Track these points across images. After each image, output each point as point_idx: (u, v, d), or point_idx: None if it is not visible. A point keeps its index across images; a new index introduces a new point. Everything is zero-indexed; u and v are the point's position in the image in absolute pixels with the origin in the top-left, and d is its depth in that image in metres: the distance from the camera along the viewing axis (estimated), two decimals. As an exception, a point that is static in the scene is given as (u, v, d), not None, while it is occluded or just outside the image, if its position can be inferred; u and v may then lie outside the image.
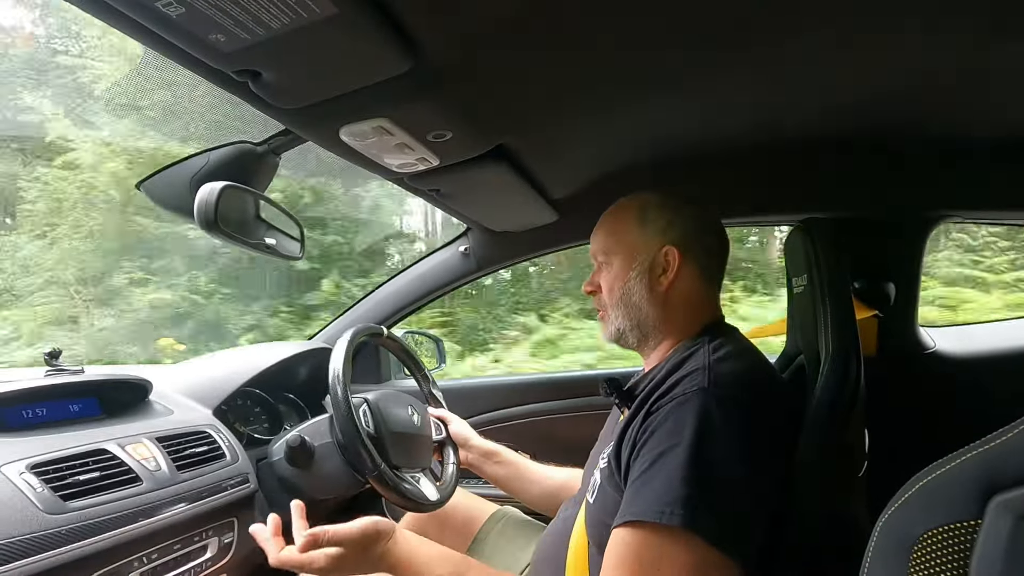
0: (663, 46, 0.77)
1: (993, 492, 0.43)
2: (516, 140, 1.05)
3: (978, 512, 0.43)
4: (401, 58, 0.68)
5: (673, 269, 0.86)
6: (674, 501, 0.65)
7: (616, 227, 0.92)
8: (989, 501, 0.43)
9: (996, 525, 0.42)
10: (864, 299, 1.30)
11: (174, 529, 0.91)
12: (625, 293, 0.89)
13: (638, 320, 0.89)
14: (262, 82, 0.70)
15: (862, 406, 0.82)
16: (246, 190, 0.96)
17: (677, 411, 0.72)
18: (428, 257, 1.68)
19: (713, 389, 0.73)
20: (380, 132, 0.86)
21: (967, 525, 0.43)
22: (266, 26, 0.58)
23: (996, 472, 0.43)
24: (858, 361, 0.82)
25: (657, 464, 0.69)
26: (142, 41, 0.62)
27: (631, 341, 0.91)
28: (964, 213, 1.33)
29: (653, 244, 0.87)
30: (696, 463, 0.67)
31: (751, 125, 1.11)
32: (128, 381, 1.08)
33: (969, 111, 1.05)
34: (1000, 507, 0.42)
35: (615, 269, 0.90)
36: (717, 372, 0.75)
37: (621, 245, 0.90)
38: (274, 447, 1.18)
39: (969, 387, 1.35)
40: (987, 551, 0.42)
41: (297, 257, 1.13)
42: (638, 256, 0.88)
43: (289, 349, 1.47)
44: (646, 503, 0.67)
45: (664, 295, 0.87)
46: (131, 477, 0.88)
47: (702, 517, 0.64)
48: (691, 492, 0.65)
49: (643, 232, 0.88)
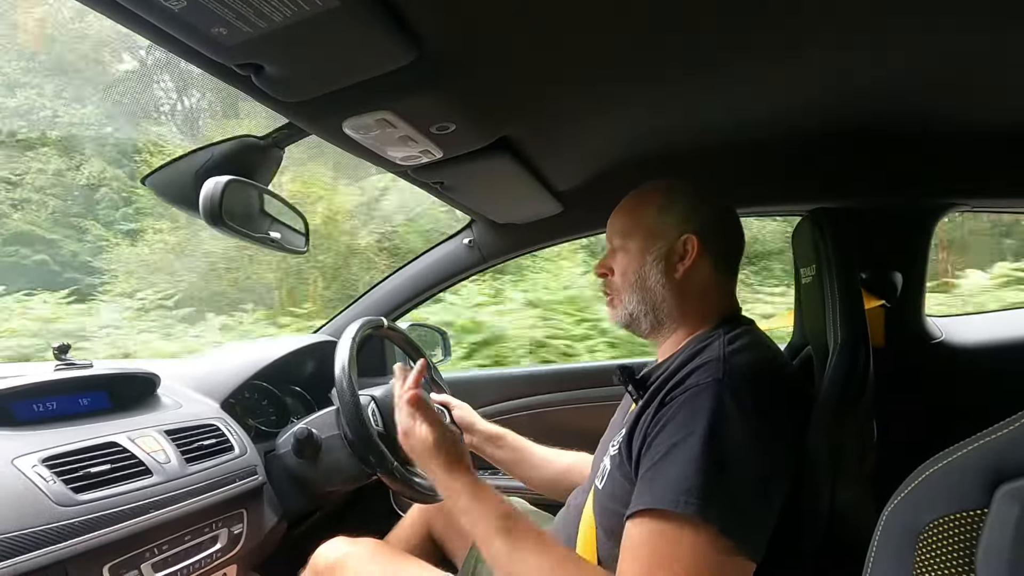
0: (667, 39, 0.76)
1: (1000, 481, 0.42)
2: (519, 132, 1.04)
3: (985, 501, 0.43)
4: (404, 50, 0.68)
5: (691, 257, 0.85)
6: (689, 490, 0.65)
7: (637, 210, 0.91)
8: (996, 490, 0.42)
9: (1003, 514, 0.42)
10: (871, 289, 1.30)
11: (184, 520, 0.92)
12: (641, 277, 0.88)
13: (653, 305, 0.88)
14: (265, 76, 0.70)
15: (870, 397, 0.82)
16: (250, 184, 0.96)
17: (691, 402, 0.72)
18: (433, 249, 1.68)
19: (728, 380, 0.72)
20: (383, 125, 0.86)
21: (974, 514, 0.43)
22: (268, 19, 0.58)
23: (1003, 461, 0.43)
24: (867, 352, 0.82)
25: (672, 454, 0.69)
26: (144, 35, 0.62)
27: (644, 327, 0.90)
28: (970, 202, 1.31)
29: (673, 230, 0.87)
30: (710, 453, 0.67)
31: (757, 117, 1.10)
32: (136, 375, 1.09)
33: (974, 101, 1.04)
34: (1007, 496, 0.42)
35: (632, 252, 0.89)
36: (732, 364, 0.75)
37: (640, 228, 0.89)
38: (281, 439, 1.19)
39: (976, 377, 1.34)
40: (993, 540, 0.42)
41: (302, 251, 1.14)
42: (657, 241, 0.87)
43: (295, 342, 1.48)
44: (661, 492, 0.67)
45: (680, 283, 0.87)
46: (141, 469, 0.89)
47: (717, 507, 0.64)
48: (706, 481, 0.65)
49: (664, 218, 0.88)
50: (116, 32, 5.27)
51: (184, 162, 0.98)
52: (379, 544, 1.08)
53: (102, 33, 5.42)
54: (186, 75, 5.77)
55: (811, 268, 0.94)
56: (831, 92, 0.99)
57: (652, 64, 0.85)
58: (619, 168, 1.31)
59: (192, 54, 0.65)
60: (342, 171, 5.16)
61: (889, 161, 1.25)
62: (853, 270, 0.86)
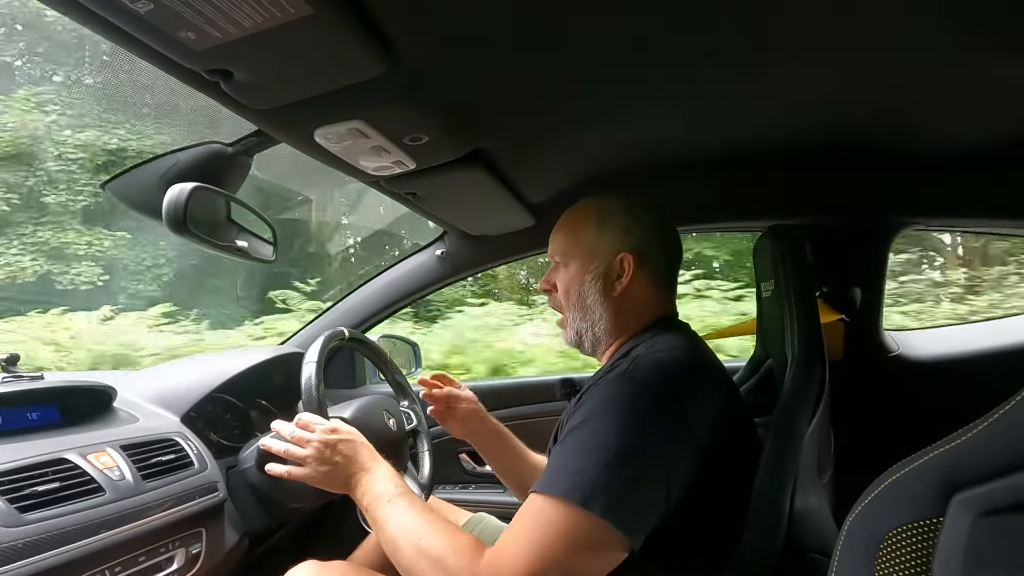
0: (639, 56, 0.78)
1: (954, 490, 0.44)
2: (493, 144, 1.05)
3: (940, 510, 0.44)
4: (377, 60, 0.68)
5: (628, 275, 0.88)
6: (569, 475, 0.70)
7: (575, 230, 0.93)
8: (951, 499, 0.44)
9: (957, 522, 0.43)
10: (832, 304, 1.34)
11: (139, 540, 0.88)
12: (581, 296, 0.90)
13: (592, 322, 0.91)
14: (234, 82, 0.69)
15: (827, 409, 0.84)
16: (217, 191, 0.94)
17: (596, 395, 0.77)
18: (404, 261, 1.67)
19: (631, 374, 0.76)
20: (356, 135, 0.85)
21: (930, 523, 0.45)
22: (238, 25, 0.57)
23: (957, 471, 0.44)
24: (823, 364, 0.84)
25: (565, 441, 0.74)
26: (111, 39, 0.60)
27: (587, 346, 0.93)
28: (924, 220, 1.37)
29: (610, 250, 0.89)
30: (596, 440, 0.71)
31: (721, 135, 1.13)
32: (90, 388, 1.04)
33: (927, 126, 1.10)
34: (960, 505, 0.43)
35: (572, 271, 0.92)
36: (642, 361, 0.79)
37: (579, 249, 0.91)
38: (244, 454, 1.15)
39: (932, 389, 1.39)
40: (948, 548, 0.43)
41: (270, 260, 1.11)
42: (594, 260, 0.89)
43: (261, 355, 1.44)
44: (547, 476, 0.72)
45: (617, 300, 0.89)
46: (93, 487, 0.85)
47: (588, 489, 0.68)
48: (585, 467, 0.69)
49: (601, 238, 0.90)
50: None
51: (148, 167, 0.95)
52: (352, 567, 1.04)
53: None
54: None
55: (770, 283, 0.96)
56: (793, 112, 1.03)
57: (625, 81, 0.86)
58: (591, 182, 1.33)
59: (159, 58, 0.63)
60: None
61: (847, 180, 1.30)
62: (810, 285, 0.89)
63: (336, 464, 0.86)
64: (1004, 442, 0.43)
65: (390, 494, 0.82)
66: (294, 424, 0.91)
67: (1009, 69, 0.84)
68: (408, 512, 0.79)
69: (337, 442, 0.87)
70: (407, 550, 0.76)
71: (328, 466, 0.86)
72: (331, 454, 0.87)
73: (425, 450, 1.22)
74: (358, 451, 0.88)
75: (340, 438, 0.88)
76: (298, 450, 0.88)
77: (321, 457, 0.87)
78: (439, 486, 1.64)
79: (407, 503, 0.80)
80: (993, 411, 0.44)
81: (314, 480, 0.88)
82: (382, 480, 0.85)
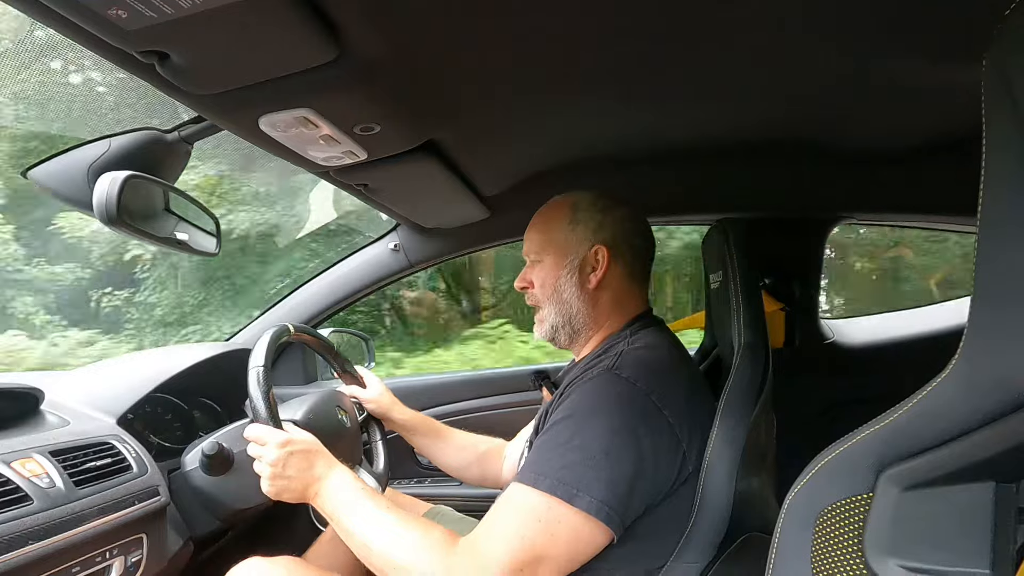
0: (593, 47, 0.79)
1: (883, 467, 0.47)
2: (446, 135, 1.04)
3: (871, 486, 0.48)
4: (325, 46, 0.66)
5: (602, 268, 0.90)
6: (550, 468, 0.71)
7: (548, 226, 0.95)
8: (880, 475, 0.47)
9: (885, 496, 0.46)
10: (773, 294, 1.41)
11: (72, 551, 0.83)
12: (556, 290, 0.92)
13: (569, 316, 0.92)
14: (171, 65, 0.65)
15: (770, 394, 0.89)
16: (153, 180, 0.89)
17: (580, 389, 0.78)
18: (356, 254, 1.63)
19: (616, 370, 0.79)
20: (303, 123, 0.82)
21: (862, 498, 0.48)
22: (174, 4, 0.54)
23: (885, 449, 0.48)
24: (766, 351, 0.88)
25: (548, 433, 0.76)
26: (35, 16, 0.56)
27: (563, 339, 0.95)
28: (856, 215, 1.46)
29: (584, 244, 0.91)
30: (579, 434, 0.73)
31: (675, 129, 1.16)
32: (13, 390, 0.97)
33: (859, 125, 1.16)
34: (888, 480, 0.47)
35: (547, 267, 0.93)
36: (626, 357, 0.81)
37: (553, 244, 0.93)
38: (187, 456, 1.10)
39: (864, 373, 1.49)
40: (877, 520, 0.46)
41: (212, 253, 1.06)
42: (569, 254, 0.92)
43: (204, 352, 1.38)
44: (532, 469, 0.73)
45: (593, 292, 0.91)
46: (19, 496, 0.80)
47: (573, 484, 0.70)
48: (567, 461, 0.71)
49: (574, 232, 0.92)
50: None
51: (75, 154, 0.89)
52: (297, 562, 1.02)
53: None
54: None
55: (719, 274, 1.00)
56: (741, 109, 1.06)
57: (577, 75, 0.87)
58: (545, 175, 1.34)
59: (88, 38, 0.59)
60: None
61: (787, 176, 1.36)
62: (754, 276, 0.93)
63: (291, 478, 0.85)
64: (925, 421, 0.46)
65: (351, 501, 0.82)
66: (244, 437, 0.89)
67: (922, 78, 0.90)
68: (374, 515, 0.79)
69: (289, 455, 0.85)
70: (379, 554, 0.76)
71: (284, 480, 0.85)
72: (284, 469, 0.85)
73: (378, 439, 1.21)
74: (313, 462, 0.86)
75: (293, 450, 0.86)
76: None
77: (276, 473, 0.85)
78: (395, 481, 1.62)
79: (371, 506, 0.80)
80: (915, 393, 0.47)
81: (272, 494, 0.86)
82: (341, 488, 0.84)
